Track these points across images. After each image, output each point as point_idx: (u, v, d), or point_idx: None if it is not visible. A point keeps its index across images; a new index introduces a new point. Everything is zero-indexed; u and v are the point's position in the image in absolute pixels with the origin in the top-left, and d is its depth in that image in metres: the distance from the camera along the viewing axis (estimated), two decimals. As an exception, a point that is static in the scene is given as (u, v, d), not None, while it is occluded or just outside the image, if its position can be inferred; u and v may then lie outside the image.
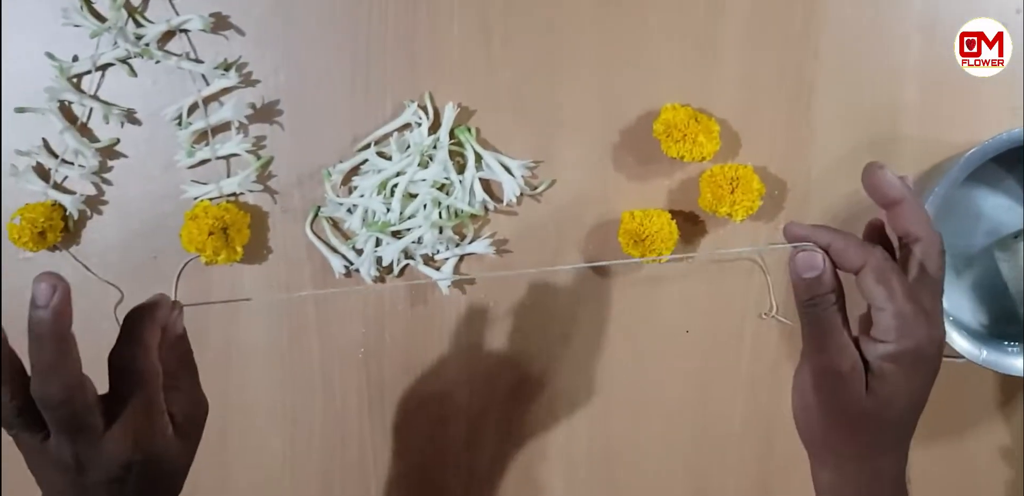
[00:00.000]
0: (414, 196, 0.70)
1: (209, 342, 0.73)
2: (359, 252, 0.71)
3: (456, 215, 0.70)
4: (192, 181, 0.71)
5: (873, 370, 0.45)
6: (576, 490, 0.75)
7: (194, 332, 0.69)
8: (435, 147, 0.69)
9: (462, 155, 0.70)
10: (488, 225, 0.72)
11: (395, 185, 0.69)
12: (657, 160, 0.70)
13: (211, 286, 0.73)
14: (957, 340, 0.65)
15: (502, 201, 0.71)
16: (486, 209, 0.71)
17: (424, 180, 0.69)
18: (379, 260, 0.71)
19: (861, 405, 0.45)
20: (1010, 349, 0.66)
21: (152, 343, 0.50)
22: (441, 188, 0.70)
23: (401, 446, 0.74)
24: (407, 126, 0.70)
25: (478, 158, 0.70)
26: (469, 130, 0.70)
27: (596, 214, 0.72)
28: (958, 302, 0.71)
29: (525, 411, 0.74)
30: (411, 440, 0.74)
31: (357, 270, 0.71)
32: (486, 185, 0.71)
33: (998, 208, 0.71)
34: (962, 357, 0.65)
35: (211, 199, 0.71)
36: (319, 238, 0.72)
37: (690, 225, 0.72)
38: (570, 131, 0.71)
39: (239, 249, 0.69)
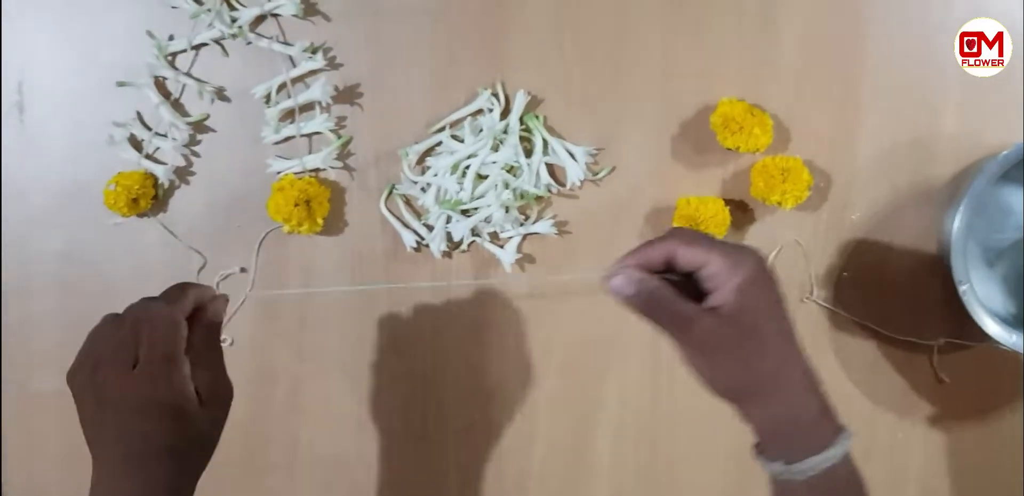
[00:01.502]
0: (484, 177, 0.74)
1: (283, 308, 0.78)
2: (429, 228, 0.75)
3: (522, 196, 0.75)
4: (276, 156, 0.76)
5: (728, 310, 0.48)
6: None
7: (270, 301, 0.76)
8: (506, 132, 0.74)
9: (530, 140, 0.75)
10: (551, 207, 0.76)
11: (467, 166, 0.74)
12: (712, 150, 0.75)
13: (288, 255, 0.77)
14: (990, 326, 0.70)
15: (565, 185, 0.75)
16: (550, 192, 0.75)
17: (495, 163, 0.73)
18: (449, 236, 0.75)
19: (733, 349, 0.49)
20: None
21: (180, 305, 0.57)
22: (510, 170, 0.74)
23: (456, 411, 0.79)
24: (480, 111, 0.75)
25: (545, 144, 0.74)
26: (537, 117, 0.74)
27: (652, 200, 0.76)
28: (990, 292, 0.76)
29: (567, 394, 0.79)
30: (468, 402, 0.79)
31: (427, 245, 0.75)
32: (551, 169, 0.75)
33: (1028, 205, 0.75)
34: (997, 343, 0.70)
35: (295, 174, 0.75)
36: (392, 214, 0.76)
37: (740, 213, 0.76)
38: (631, 121, 0.75)
39: (320, 221, 0.74)
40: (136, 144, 0.76)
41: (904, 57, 0.74)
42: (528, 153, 0.75)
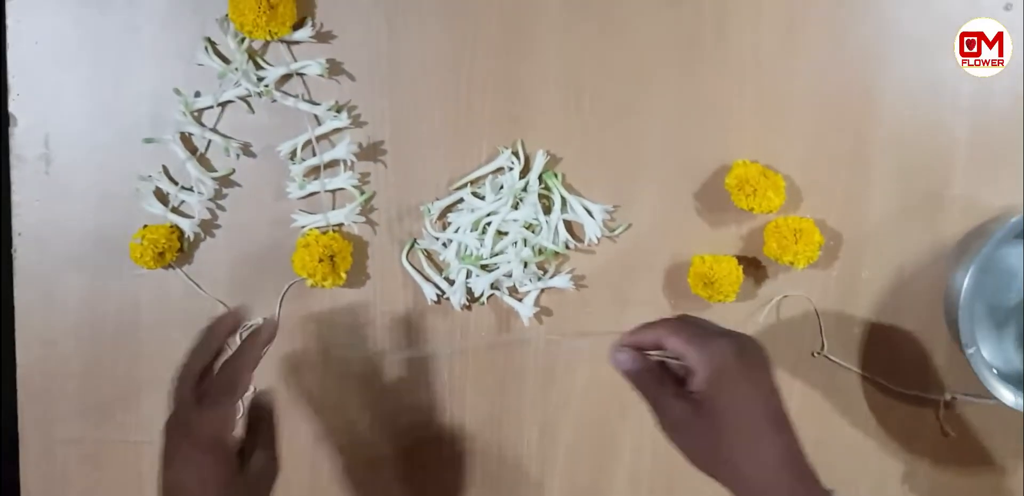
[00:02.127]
0: (504, 234, 0.76)
1: (307, 361, 0.79)
2: (450, 282, 0.77)
3: (541, 252, 0.76)
4: (300, 210, 0.77)
5: (701, 397, 0.53)
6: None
7: (293, 351, 0.77)
8: (525, 190, 0.76)
9: (549, 198, 0.77)
10: (568, 262, 0.78)
11: (488, 223, 0.76)
12: (727, 209, 0.76)
13: (310, 306, 0.79)
14: (996, 388, 0.72)
15: (583, 241, 0.77)
16: (567, 248, 0.77)
17: (516, 220, 0.75)
18: (469, 290, 0.77)
19: (705, 429, 0.53)
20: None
21: (256, 362, 0.62)
22: (529, 227, 0.76)
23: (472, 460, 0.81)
24: (500, 169, 0.77)
25: (564, 201, 0.76)
26: (556, 175, 0.76)
27: (668, 256, 0.78)
28: (999, 352, 0.77)
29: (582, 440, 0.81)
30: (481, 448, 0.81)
31: (447, 298, 0.77)
32: (568, 226, 0.77)
33: (1034, 265, 0.77)
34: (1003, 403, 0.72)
35: (318, 228, 0.77)
36: (414, 267, 0.78)
37: (754, 269, 0.78)
38: (647, 180, 0.77)
39: (343, 275, 0.76)
40: (162, 197, 0.78)
41: (914, 118, 0.76)
42: (547, 210, 0.76)
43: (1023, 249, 0.76)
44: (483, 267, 0.77)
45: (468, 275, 0.77)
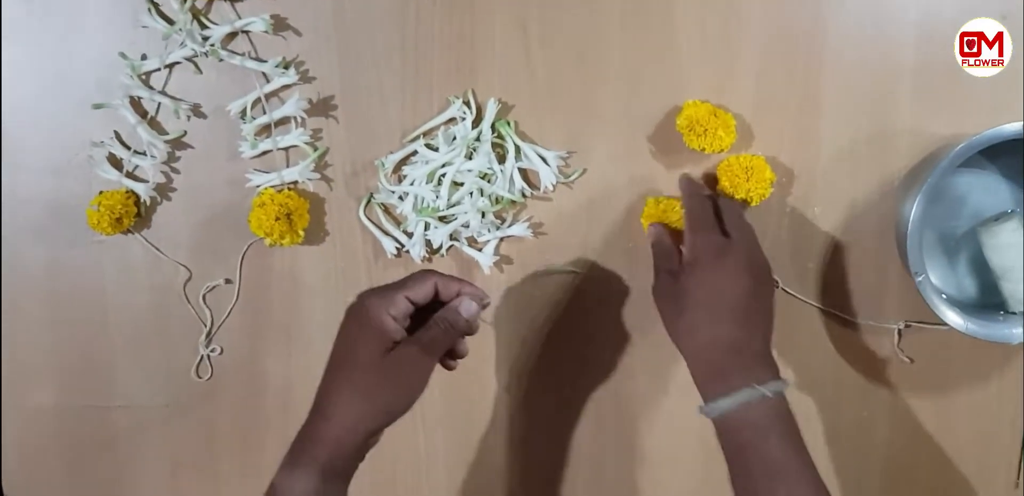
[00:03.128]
0: (460, 184, 0.76)
1: (272, 320, 0.80)
2: (409, 235, 0.78)
3: (497, 201, 0.77)
4: (255, 170, 0.77)
5: (683, 276, 0.66)
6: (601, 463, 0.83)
7: (256, 310, 0.78)
8: (479, 140, 0.76)
9: (503, 147, 0.77)
10: (525, 210, 0.78)
11: (443, 175, 0.76)
12: (680, 150, 0.77)
13: (271, 266, 0.79)
14: (946, 313, 0.73)
15: (539, 188, 0.77)
16: (524, 196, 0.77)
17: (470, 170, 0.75)
18: (428, 242, 0.77)
19: (685, 292, 0.65)
20: (1001, 318, 0.75)
21: (447, 345, 0.62)
22: (483, 177, 0.76)
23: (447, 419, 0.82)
24: (452, 120, 0.76)
25: (517, 150, 0.76)
26: (509, 124, 0.76)
27: (624, 200, 0.78)
28: (948, 276, 0.79)
29: (551, 390, 0.82)
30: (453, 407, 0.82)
31: (407, 251, 0.78)
32: (524, 174, 0.77)
33: (982, 192, 0.78)
34: (947, 325, 0.74)
35: (273, 187, 0.77)
36: (372, 222, 0.78)
37: None
38: (600, 125, 0.77)
39: (301, 232, 0.76)
40: (116, 163, 0.77)
41: (860, 55, 0.76)
42: (501, 159, 0.77)
43: (969, 178, 0.77)
44: (441, 219, 0.77)
45: (426, 227, 0.77)
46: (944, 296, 0.75)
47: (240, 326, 0.80)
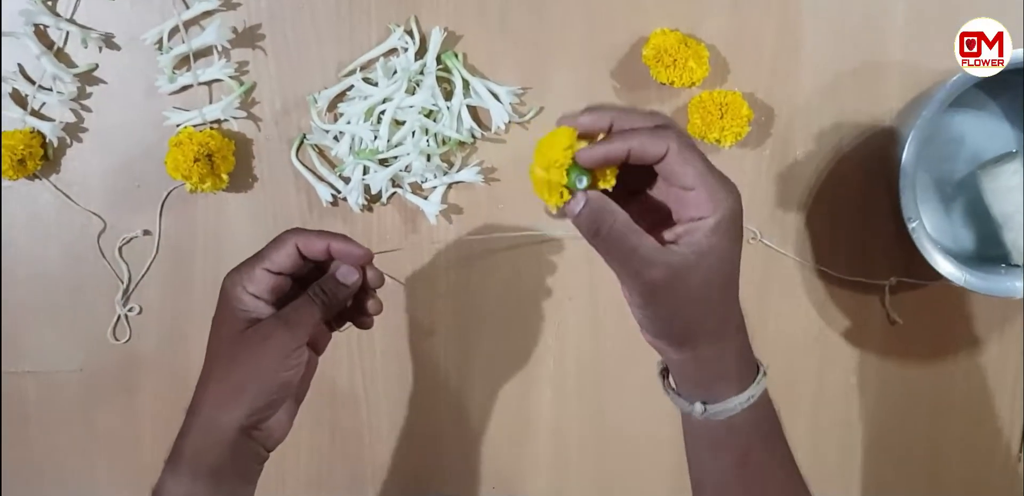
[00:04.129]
0: (401, 123, 0.69)
1: (196, 276, 0.73)
2: (346, 180, 0.70)
3: (444, 142, 0.70)
4: (174, 108, 0.70)
5: (697, 249, 0.43)
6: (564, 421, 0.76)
7: (179, 265, 0.71)
8: (422, 73, 0.69)
9: (449, 81, 0.70)
10: (476, 153, 0.71)
11: (382, 112, 0.69)
12: (647, 86, 0.70)
13: (194, 216, 0.72)
14: (941, 264, 0.66)
15: (490, 128, 0.70)
16: (474, 137, 0.71)
17: (412, 107, 0.68)
18: (367, 188, 0.70)
19: (692, 293, 0.44)
20: (1002, 271, 0.68)
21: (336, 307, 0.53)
22: (428, 115, 0.69)
23: (391, 371, 0.75)
24: (393, 51, 0.69)
25: (466, 84, 0.69)
26: (456, 55, 0.69)
27: (584, 141, 0.71)
28: (944, 227, 0.72)
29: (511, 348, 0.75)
30: (401, 364, 0.75)
31: (344, 199, 0.70)
32: (474, 112, 0.70)
33: (981, 133, 0.71)
34: (949, 281, 0.66)
35: (194, 126, 0.69)
36: (305, 166, 0.71)
37: None
38: (559, 57, 0.70)
39: (224, 177, 0.69)
40: (20, 100, 0.70)
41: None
42: (448, 95, 0.70)
43: (967, 117, 0.71)
44: (381, 162, 0.70)
45: (365, 171, 0.70)
46: (939, 247, 0.68)
47: (161, 283, 0.73)
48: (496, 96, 0.70)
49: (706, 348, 0.47)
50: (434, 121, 0.69)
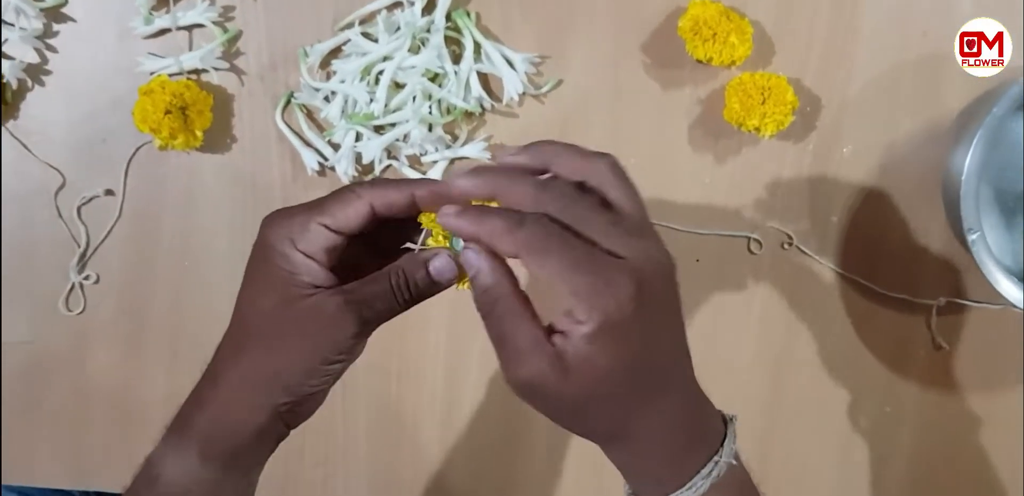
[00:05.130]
0: (402, 86, 0.62)
1: (162, 244, 0.66)
2: (336, 147, 0.63)
3: (448, 111, 0.63)
4: (149, 53, 0.64)
5: (577, 354, 0.36)
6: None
7: (143, 231, 0.65)
8: (429, 31, 0.62)
9: (459, 43, 0.63)
10: (484, 127, 0.65)
11: (381, 71, 0.61)
12: (680, 63, 0.63)
13: (164, 176, 0.66)
14: (1002, 283, 0.59)
15: (501, 100, 0.63)
16: (482, 107, 0.64)
17: (414, 68, 0.61)
18: (359, 157, 0.63)
19: (571, 398, 0.37)
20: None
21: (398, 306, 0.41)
22: (433, 79, 0.62)
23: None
24: (398, 4, 0.63)
25: (477, 47, 0.63)
26: (468, 14, 0.62)
27: (606, 122, 0.64)
28: (1004, 243, 0.64)
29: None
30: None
31: (332, 168, 0.63)
32: (484, 80, 0.64)
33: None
34: (1009, 303, 0.59)
35: (170, 75, 0.63)
36: (291, 129, 0.64)
37: (711, 141, 0.64)
38: (584, 24, 0.64)
39: (199, 134, 0.62)
40: (-21, 35, 0.63)
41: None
42: (456, 58, 0.63)
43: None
44: (376, 129, 0.63)
45: (357, 138, 0.63)
46: (1001, 265, 0.60)
47: (121, 249, 0.66)
48: (511, 63, 0.63)
49: (617, 451, 0.40)
50: (439, 86, 0.62)
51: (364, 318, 0.40)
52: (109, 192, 0.65)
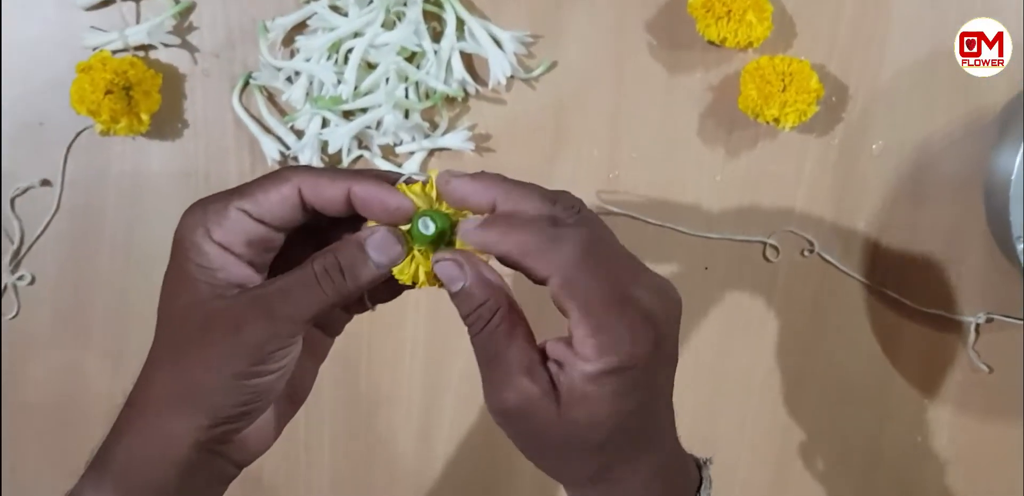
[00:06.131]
0: (374, 66, 0.57)
1: (104, 239, 0.61)
2: (299, 134, 0.58)
3: (427, 96, 0.58)
4: (92, 27, 0.58)
5: (573, 390, 0.33)
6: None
7: (85, 226, 0.60)
8: (405, 4, 0.56)
9: (439, 19, 0.58)
10: (467, 114, 0.60)
11: (350, 49, 0.56)
12: (689, 45, 0.59)
13: (107, 166, 0.60)
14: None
15: (487, 83, 0.58)
16: (465, 92, 0.59)
17: (388, 45, 0.56)
18: (324, 146, 0.58)
19: (558, 435, 0.34)
20: None
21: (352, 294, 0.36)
22: (410, 59, 0.57)
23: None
24: (372, -26, 0.57)
25: (460, 24, 0.57)
26: (452, -13, 0.57)
27: (605, 110, 0.59)
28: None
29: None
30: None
31: (295, 157, 0.58)
32: (468, 61, 0.59)
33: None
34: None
35: (113, 52, 0.57)
36: (249, 113, 0.59)
37: (723, 133, 0.59)
38: (581, 1, 0.59)
39: (145, 118, 0.57)
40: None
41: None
42: (436, 36, 0.58)
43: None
44: (345, 114, 0.58)
45: (323, 124, 0.58)
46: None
47: (60, 246, 0.61)
48: (498, 42, 0.58)
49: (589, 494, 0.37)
50: (416, 67, 0.57)
51: (279, 316, 0.33)
52: (46, 182, 0.60)
